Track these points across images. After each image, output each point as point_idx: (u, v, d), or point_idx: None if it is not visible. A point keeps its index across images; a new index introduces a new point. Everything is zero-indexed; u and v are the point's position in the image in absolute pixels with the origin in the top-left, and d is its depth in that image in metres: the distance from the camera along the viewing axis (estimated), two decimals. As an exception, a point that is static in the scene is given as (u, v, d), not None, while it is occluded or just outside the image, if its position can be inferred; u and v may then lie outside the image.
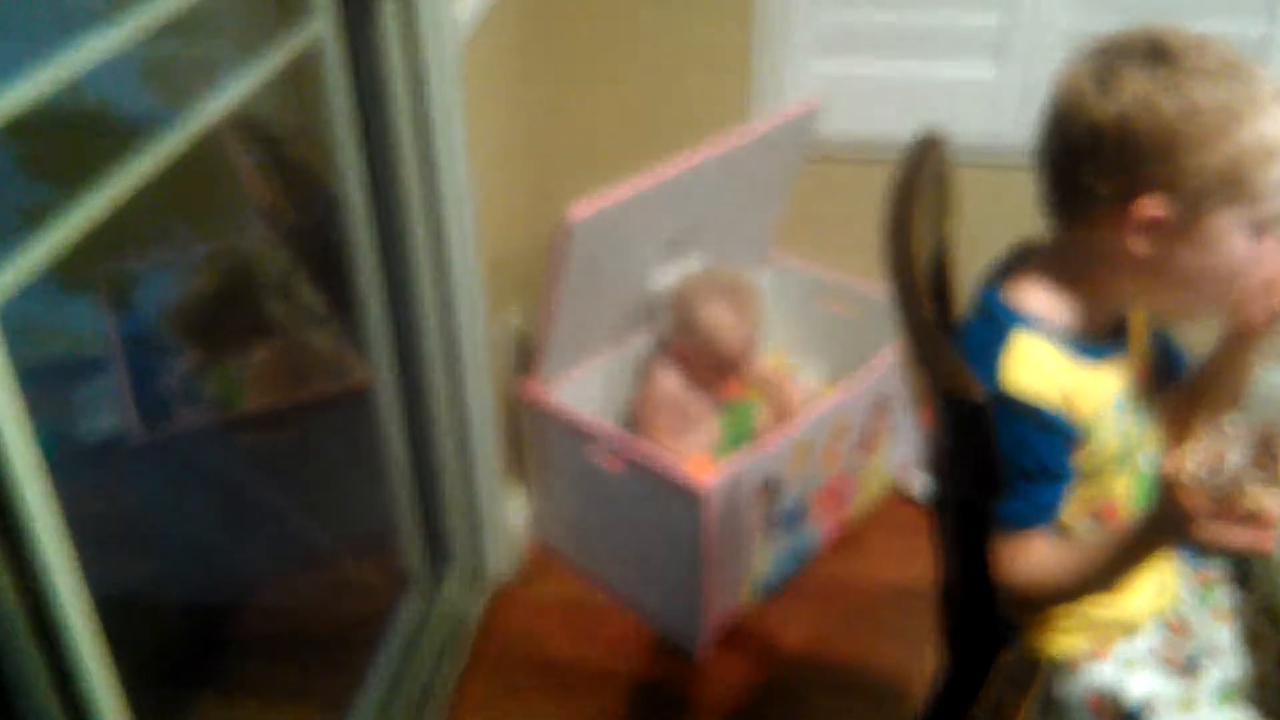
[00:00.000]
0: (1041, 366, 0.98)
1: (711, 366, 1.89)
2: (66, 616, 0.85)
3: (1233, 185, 0.90)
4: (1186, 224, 0.92)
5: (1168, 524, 0.90)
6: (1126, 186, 0.93)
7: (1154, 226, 0.93)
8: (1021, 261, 1.07)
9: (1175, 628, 1.11)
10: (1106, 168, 0.93)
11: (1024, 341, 0.99)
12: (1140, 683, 1.06)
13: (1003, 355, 0.98)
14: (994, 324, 1.01)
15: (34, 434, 0.82)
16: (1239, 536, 0.86)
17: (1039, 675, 0.60)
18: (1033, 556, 0.99)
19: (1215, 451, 0.87)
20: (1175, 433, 1.15)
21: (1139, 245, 0.94)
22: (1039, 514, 1.00)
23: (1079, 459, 1.01)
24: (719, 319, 1.85)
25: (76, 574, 0.86)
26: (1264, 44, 1.86)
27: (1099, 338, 1.03)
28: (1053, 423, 0.97)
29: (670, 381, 1.91)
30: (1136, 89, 0.91)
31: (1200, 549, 0.90)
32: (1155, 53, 0.91)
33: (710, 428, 1.98)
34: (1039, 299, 1.02)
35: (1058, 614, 1.08)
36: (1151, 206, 0.92)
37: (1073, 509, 1.05)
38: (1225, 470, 0.85)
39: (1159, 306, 1.05)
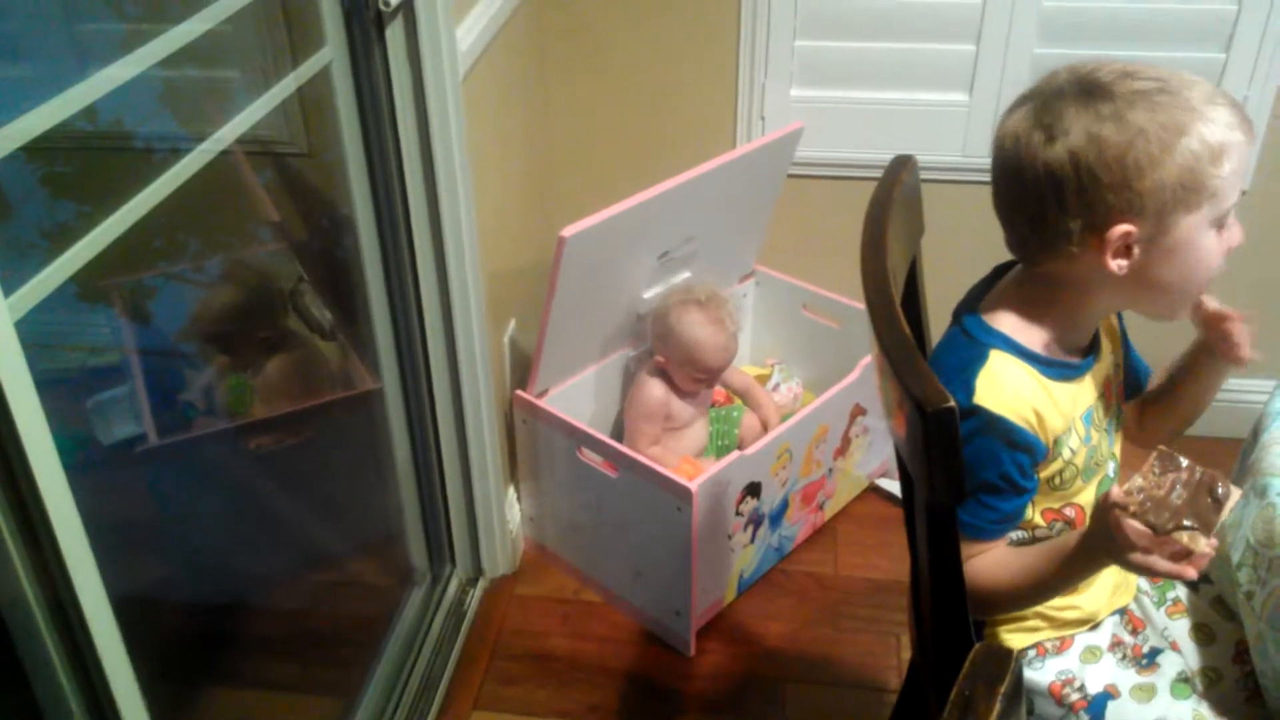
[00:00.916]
0: (1014, 385, 0.99)
1: (694, 375, 1.89)
2: (88, 613, 0.85)
3: (1192, 192, 0.91)
4: (1157, 237, 0.93)
5: (1102, 547, 0.90)
6: (1095, 218, 0.93)
7: (1128, 247, 0.94)
8: (995, 285, 1.07)
9: (1135, 622, 1.12)
10: (1071, 206, 0.93)
11: (999, 360, 1.00)
12: (1101, 672, 1.07)
13: (979, 373, 0.98)
14: (972, 343, 1.02)
15: (54, 439, 0.83)
16: (1163, 567, 0.87)
17: (1010, 666, 0.61)
18: (986, 563, 1.01)
19: (1159, 487, 0.87)
20: (1139, 440, 1.16)
21: (1116, 266, 0.94)
22: (997, 526, 1.01)
23: (1049, 471, 1.02)
24: (698, 330, 1.86)
25: (97, 573, 0.87)
26: (1220, 71, 1.88)
27: (1071, 354, 1.04)
28: (1021, 440, 0.98)
29: (657, 390, 1.91)
30: (1080, 127, 0.91)
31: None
32: (1086, 89, 0.92)
33: (697, 433, 1.99)
34: (1015, 321, 1.02)
35: (1020, 612, 1.09)
36: (1121, 231, 0.92)
37: (1043, 516, 1.06)
38: (1165, 507, 0.86)
39: (1139, 311, 1.04)
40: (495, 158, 1.77)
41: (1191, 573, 0.87)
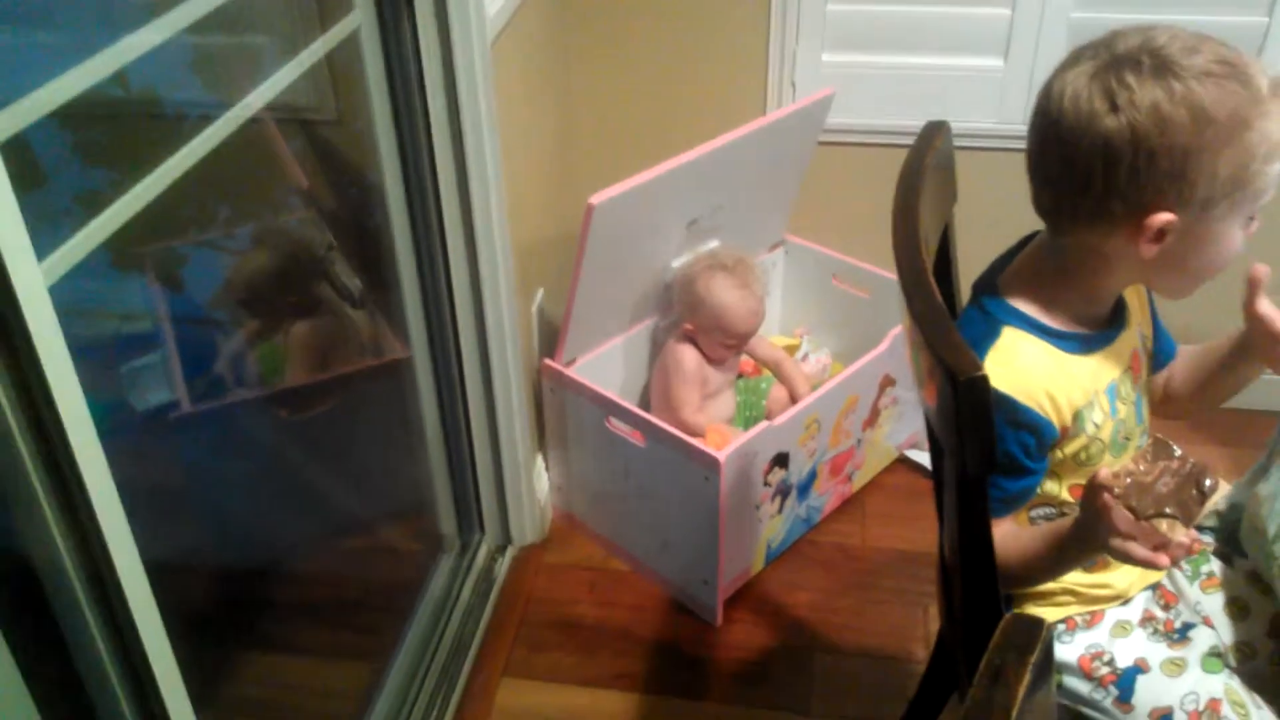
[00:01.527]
0: (1025, 363, 0.97)
1: (723, 342, 1.89)
2: (123, 579, 0.86)
3: (1239, 188, 0.89)
4: (1193, 227, 0.91)
5: (1091, 531, 0.90)
6: (1141, 201, 0.90)
7: (1164, 234, 0.91)
8: (1017, 256, 1.05)
9: (1168, 596, 1.11)
10: (1119, 185, 0.89)
11: (1012, 337, 0.98)
12: (1131, 647, 1.06)
13: (989, 350, 0.97)
14: (987, 318, 1.00)
15: (89, 406, 0.84)
16: (1139, 554, 0.86)
17: (1041, 636, 0.60)
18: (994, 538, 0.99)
19: (1148, 474, 0.87)
20: (1160, 411, 1.15)
21: (1148, 250, 0.92)
22: (1003, 505, 1.00)
23: (1073, 447, 1.01)
24: (726, 295, 1.85)
25: (132, 539, 0.88)
26: (1262, 35, 1.84)
27: (1094, 327, 1.02)
28: (1027, 419, 0.96)
29: (692, 357, 1.91)
30: (1149, 103, 0.86)
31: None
32: (1157, 60, 0.87)
33: (725, 403, 1.99)
34: (1033, 295, 1.00)
35: (1050, 586, 1.08)
36: (1164, 220, 0.89)
37: (1071, 493, 1.05)
38: (1148, 493, 0.86)
39: (1150, 286, 1.03)
40: (522, 124, 1.76)
41: (1164, 561, 0.86)
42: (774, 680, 1.70)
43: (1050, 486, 1.04)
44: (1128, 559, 0.88)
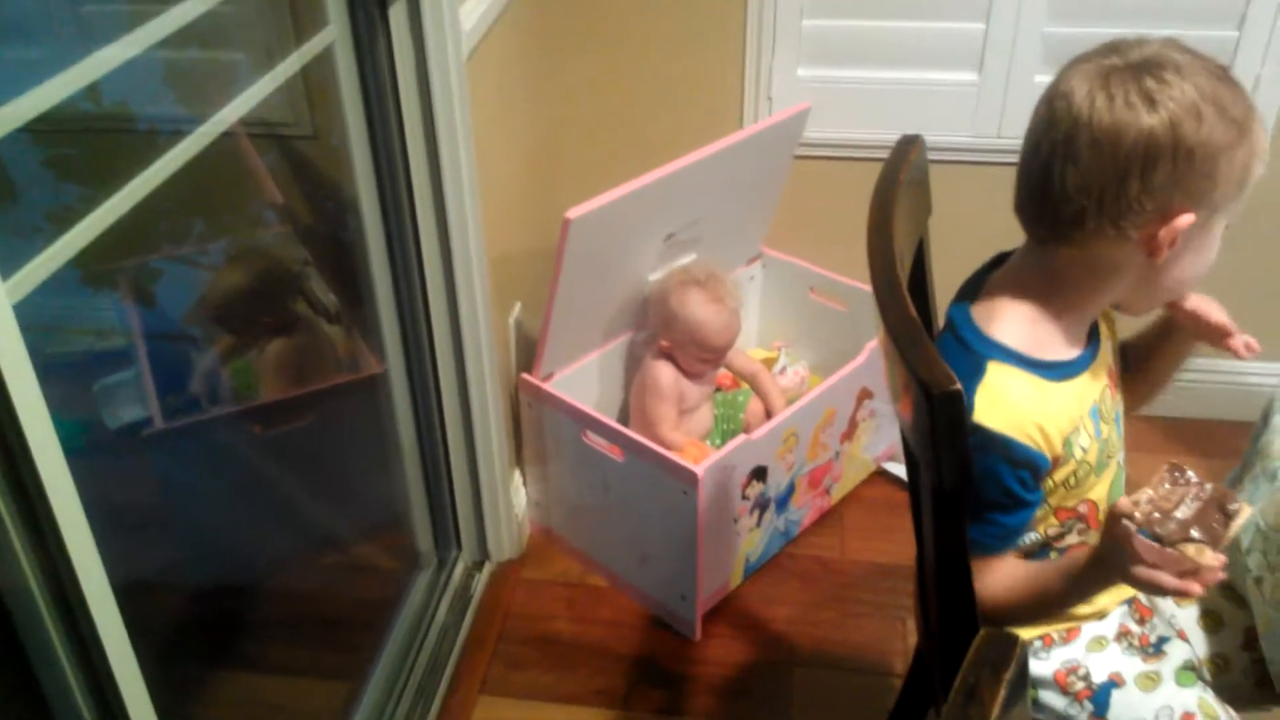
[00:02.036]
0: (1015, 399, 0.95)
1: (699, 356, 1.89)
2: (90, 599, 0.85)
3: (1243, 187, 0.90)
4: (1198, 231, 0.91)
5: (1111, 560, 0.88)
6: (1171, 200, 0.88)
7: (1177, 238, 0.90)
8: (989, 277, 1.03)
9: (1143, 610, 1.11)
10: (1157, 182, 0.87)
11: (997, 373, 0.96)
12: (1106, 661, 1.06)
13: (978, 389, 0.95)
14: (968, 353, 0.97)
15: (59, 423, 0.82)
16: (1169, 583, 0.85)
17: (1015, 653, 0.60)
18: (996, 578, 0.99)
19: (1167, 499, 0.86)
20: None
21: (1161, 256, 0.91)
22: (1003, 541, 1.00)
23: (1063, 474, 1.00)
24: (700, 310, 1.85)
25: (99, 558, 0.86)
26: (1234, 48, 1.86)
27: (1073, 349, 1.00)
28: (1023, 456, 0.95)
29: (668, 373, 1.91)
30: (1187, 99, 0.86)
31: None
32: (1174, 64, 0.87)
33: (703, 417, 1.99)
34: (1013, 321, 0.98)
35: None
36: (1188, 220, 0.89)
37: (1057, 515, 1.04)
38: (1172, 521, 0.84)
39: (1132, 303, 1.01)
40: (499, 139, 1.76)
41: (1197, 589, 0.85)
42: (753, 695, 1.70)
43: (1037, 513, 1.03)
44: (1155, 589, 0.86)
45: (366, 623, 1.73)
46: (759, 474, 1.75)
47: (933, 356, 0.84)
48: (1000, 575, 0.99)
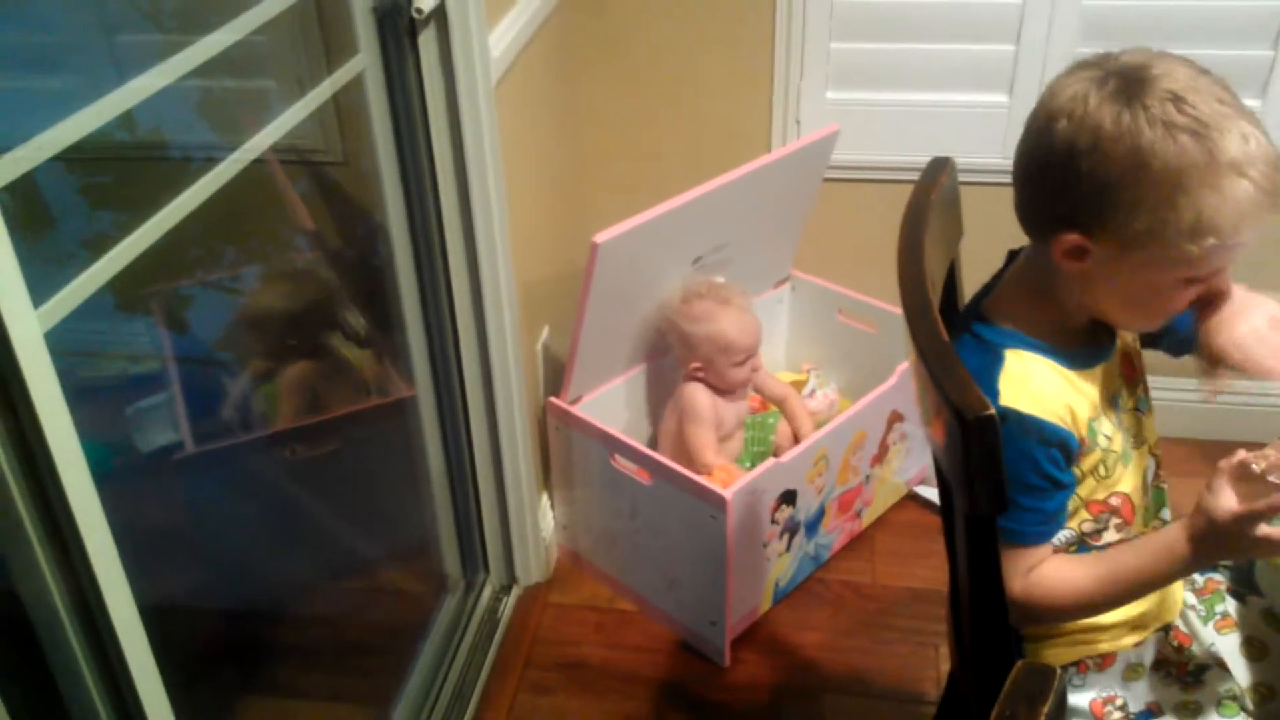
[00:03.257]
0: (1038, 380, 0.96)
1: (732, 363, 1.85)
2: (116, 623, 0.85)
3: (1158, 246, 0.87)
4: (1115, 262, 0.90)
5: (1220, 531, 0.87)
6: (1062, 213, 0.91)
7: (1083, 255, 0.91)
8: (1001, 278, 1.04)
9: (1181, 638, 1.09)
10: (1051, 191, 0.91)
11: (1017, 359, 0.97)
12: (1143, 690, 1.04)
13: (1000, 376, 0.95)
14: (984, 346, 0.99)
15: (91, 447, 0.83)
16: None
17: (1053, 685, 0.59)
18: (1049, 571, 0.96)
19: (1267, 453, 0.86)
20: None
21: (1069, 266, 0.93)
22: (1044, 528, 0.98)
23: (1090, 462, 0.99)
24: (712, 318, 1.83)
25: (126, 582, 0.86)
26: (1270, 68, 1.84)
27: (1085, 342, 1.00)
28: (1054, 436, 0.95)
29: (703, 398, 1.88)
30: (1094, 122, 0.87)
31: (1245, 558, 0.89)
32: (1136, 86, 0.86)
33: (737, 441, 1.97)
34: (1020, 311, 1.00)
35: (1063, 628, 1.06)
36: (1072, 238, 0.90)
37: (1090, 509, 1.03)
38: None
39: (1103, 314, 0.99)
40: (528, 164, 1.76)
41: None
42: (783, 722, 1.68)
43: (1069, 505, 1.01)
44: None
45: (393, 647, 1.72)
46: (788, 498, 1.74)
47: (966, 380, 0.83)
48: (1051, 567, 0.97)
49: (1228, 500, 0.87)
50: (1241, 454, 0.86)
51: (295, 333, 1.78)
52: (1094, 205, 0.88)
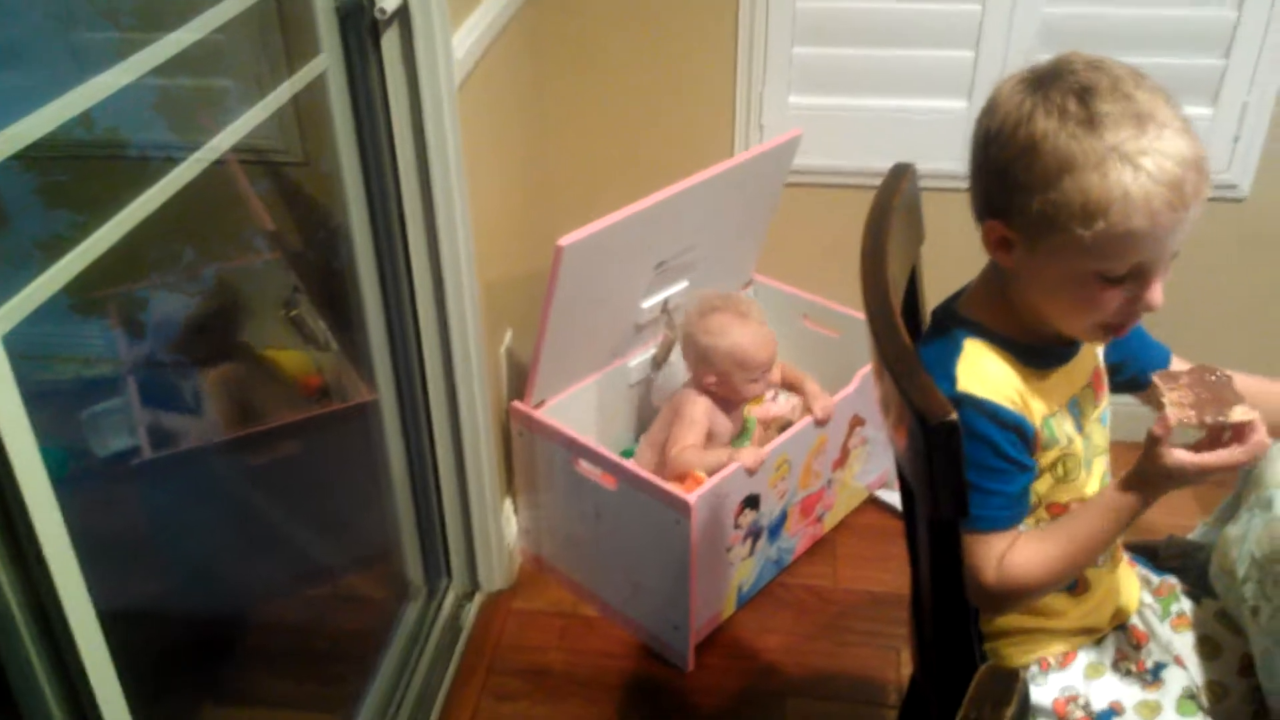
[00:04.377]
0: (993, 369, 0.99)
1: (748, 379, 1.85)
2: (75, 629, 0.84)
3: (1054, 232, 0.90)
4: (1032, 253, 0.93)
5: (1162, 474, 0.92)
6: (983, 201, 0.96)
7: (1008, 246, 0.95)
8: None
9: (1138, 636, 1.11)
10: (974, 178, 0.97)
11: (974, 347, 1.00)
12: (1105, 689, 1.06)
13: (958, 361, 0.99)
14: (945, 335, 1.02)
15: (45, 452, 0.82)
16: (1226, 457, 0.90)
17: (1016, 688, 0.60)
18: (1016, 555, 0.97)
19: (1184, 397, 0.92)
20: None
21: (1000, 258, 0.97)
22: (1009, 512, 0.99)
23: (1050, 457, 1.01)
24: (730, 332, 1.82)
25: (84, 588, 0.85)
26: (1221, 76, 1.88)
27: (1046, 345, 1.02)
28: (1009, 419, 0.97)
29: (702, 405, 1.88)
30: (1001, 114, 0.93)
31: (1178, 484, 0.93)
32: (1049, 82, 0.91)
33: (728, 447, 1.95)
34: (984, 312, 1.03)
35: (1023, 624, 1.08)
36: (992, 224, 0.95)
37: (1049, 511, 1.05)
38: (1197, 407, 0.90)
39: (1043, 317, 1.00)
40: (491, 166, 1.76)
41: (1261, 446, 0.90)
42: (746, 726, 1.68)
43: (1030, 500, 1.03)
44: (1225, 467, 0.91)
45: (355, 654, 1.71)
46: (751, 502, 1.75)
47: (928, 385, 0.84)
48: (1024, 549, 0.98)
49: (1179, 455, 0.92)
50: (1172, 416, 0.91)
51: (204, 335, 1.78)
52: (997, 188, 0.94)
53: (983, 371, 0.98)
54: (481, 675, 1.77)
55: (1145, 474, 0.94)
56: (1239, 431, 0.90)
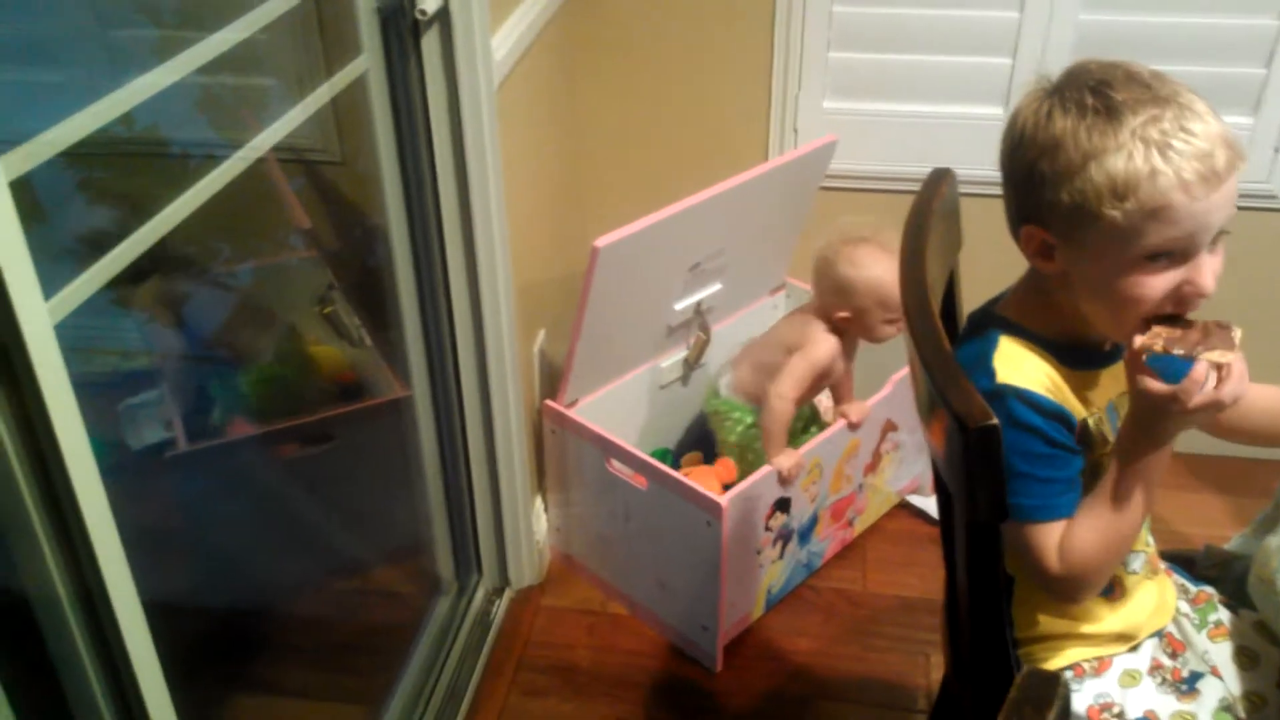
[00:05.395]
0: (1031, 363, 0.99)
1: (885, 318, 1.76)
2: (120, 616, 0.85)
3: (1090, 222, 0.89)
4: (1075, 253, 0.93)
5: (1156, 413, 0.91)
6: (1018, 210, 0.97)
7: (1050, 252, 0.95)
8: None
9: (1175, 644, 1.10)
10: (1006, 187, 0.98)
11: (1010, 343, 1.00)
12: (1140, 697, 1.05)
13: (995, 355, 0.99)
14: (981, 334, 1.03)
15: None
16: (1210, 395, 0.88)
17: (1058, 691, 0.59)
18: (1073, 536, 0.97)
19: (1175, 334, 0.90)
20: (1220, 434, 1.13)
21: (1042, 266, 0.97)
22: (1065, 498, 0.98)
23: (1096, 456, 1.01)
24: (876, 266, 1.72)
25: (130, 576, 0.87)
26: (1262, 85, 1.86)
27: (1087, 347, 1.02)
28: (1053, 408, 0.97)
29: (832, 350, 1.80)
30: (1023, 118, 0.94)
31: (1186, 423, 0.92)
32: (1066, 85, 0.92)
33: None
34: (1023, 313, 1.03)
35: (1059, 629, 1.07)
36: (1030, 230, 0.95)
37: None
38: (1185, 343, 0.89)
39: (1090, 320, 0.99)
40: (527, 167, 1.77)
41: (1240, 387, 0.89)
42: (774, 728, 1.68)
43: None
44: (1211, 405, 0.89)
45: (386, 648, 1.73)
46: (782, 505, 1.75)
47: (968, 390, 0.84)
48: (1072, 530, 0.97)
49: (1154, 385, 0.90)
50: (1138, 340, 0.90)
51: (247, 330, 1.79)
52: (1026, 191, 0.94)
53: (1020, 363, 0.99)
54: (510, 671, 1.77)
55: (1132, 406, 0.94)
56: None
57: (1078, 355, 1.01)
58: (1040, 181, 0.91)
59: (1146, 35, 1.85)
